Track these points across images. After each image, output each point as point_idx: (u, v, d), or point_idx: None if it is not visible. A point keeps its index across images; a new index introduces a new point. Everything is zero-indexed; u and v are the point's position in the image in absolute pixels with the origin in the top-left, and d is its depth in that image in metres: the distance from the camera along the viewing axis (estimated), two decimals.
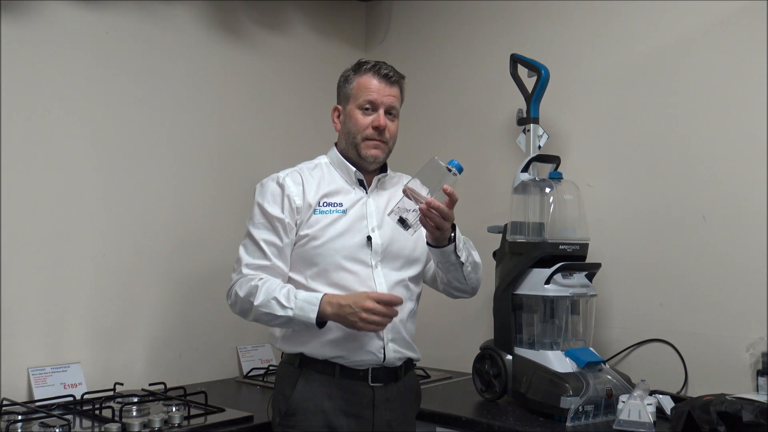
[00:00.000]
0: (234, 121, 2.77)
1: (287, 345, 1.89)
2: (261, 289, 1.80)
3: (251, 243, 1.88)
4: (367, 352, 1.83)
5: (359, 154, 1.91)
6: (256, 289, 1.80)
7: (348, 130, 1.92)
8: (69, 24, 2.33)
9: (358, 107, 1.89)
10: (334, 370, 1.83)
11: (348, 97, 1.93)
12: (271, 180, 1.91)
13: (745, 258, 2.15)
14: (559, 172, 2.27)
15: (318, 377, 1.84)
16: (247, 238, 1.90)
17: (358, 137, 1.90)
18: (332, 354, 1.83)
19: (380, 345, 1.85)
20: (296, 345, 1.86)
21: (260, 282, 1.82)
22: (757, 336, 2.07)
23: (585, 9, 2.55)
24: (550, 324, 2.17)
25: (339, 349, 1.83)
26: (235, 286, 1.86)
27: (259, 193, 1.91)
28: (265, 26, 2.88)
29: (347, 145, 1.93)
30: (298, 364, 1.86)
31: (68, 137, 2.33)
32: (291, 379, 1.86)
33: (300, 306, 1.76)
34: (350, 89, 1.92)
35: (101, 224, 2.39)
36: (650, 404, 1.92)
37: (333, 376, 1.83)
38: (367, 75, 1.90)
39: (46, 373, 2.22)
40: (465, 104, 2.90)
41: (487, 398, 2.27)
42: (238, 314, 1.89)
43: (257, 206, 1.90)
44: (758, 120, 2.14)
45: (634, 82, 2.42)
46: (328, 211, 1.88)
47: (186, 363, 2.58)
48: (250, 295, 1.81)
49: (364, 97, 1.89)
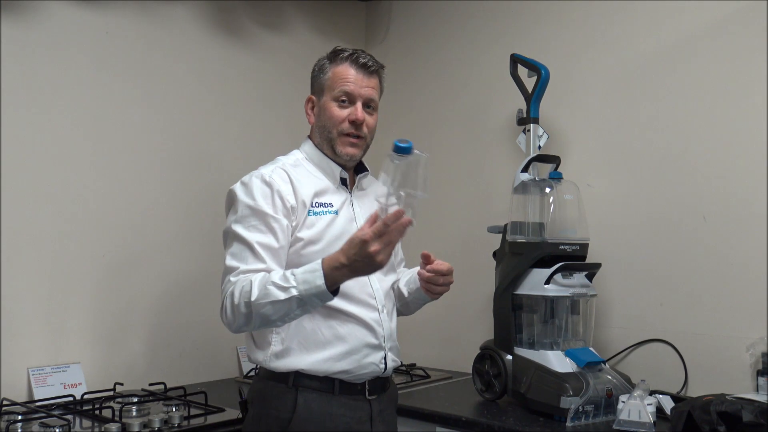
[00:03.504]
0: (234, 120, 2.77)
1: (281, 362, 1.69)
2: (254, 284, 1.57)
3: (242, 247, 1.65)
4: (370, 364, 1.73)
5: (334, 151, 1.78)
6: (250, 285, 1.58)
7: (322, 124, 1.78)
8: (69, 24, 2.33)
9: (334, 99, 1.75)
10: (333, 387, 1.70)
11: (323, 88, 1.78)
12: (255, 178, 1.70)
13: (745, 258, 2.15)
14: (559, 172, 2.27)
15: (317, 396, 1.69)
16: (236, 244, 1.66)
17: (333, 132, 1.76)
18: (335, 369, 1.69)
19: (381, 355, 1.75)
20: (292, 362, 1.69)
21: (247, 280, 1.59)
22: (757, 336, 2.07)
23: (585, 9, 2.55)
24: (550, 324, 2.17)
25: (343, 364, 1.70)
26: (227, 298, 1.61)
27: (244, 193, 1.69)
28: (265, 26, 2.88)
29: (321, 140, 1.80)
30: (292, 382, 1.69)
31: (68, 137, 2.33)
32: (286, 400, 1.69)
33: (303, 279, 1.54)
34: (325, 79, 1.78)
35: (101, 224, 2.39)
36: (650, 404, 1.92)
37: (332, 393, 1.70)
38: (343, 64, 1.76)
39: (46, 373, 2.23)
40: (465, 104, 2.90)
41: (487, 398, 2.27)
42: (237, 330, 1.65)
43: (245, 207, 1.67)
44: (758, 120, 2.14)
45: (634, 82, 2.42)
46: (321, 212, 1.73)
47: (186, 363, 2.58)
48: (243, 296, 1.58)
49: (340, 87, 1.75)
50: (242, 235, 1.66)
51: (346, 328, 1.71)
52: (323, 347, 1.69)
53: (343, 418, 1.70)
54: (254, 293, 1.56)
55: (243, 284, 1.59)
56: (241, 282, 1.60)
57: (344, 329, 1.71)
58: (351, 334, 1.71)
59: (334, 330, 1.71)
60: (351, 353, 1.71)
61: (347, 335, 1.71)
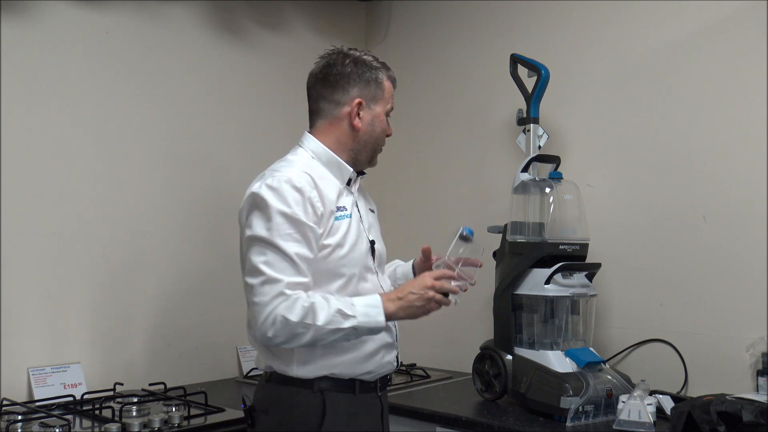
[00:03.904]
0: (234, 121, 2.77)
1: (307, 369, 1.68)
2: (317, 307, 1.58)
3: (279, 258, 1.60)
4: (387, 363, 1.77)
5: (370, 160, 1.83)
6: (312, 307, 1.58)
7: (376, 135, 1.80)
8: (69, 24, 2.33)
9: (386, 113, 1.83)
10: (354, 387, 1.72)
11: (376, 98, 1.79)
12: (283, 183, 1.64)
13: (745, 258, 2.15)
14: (559, 172, 2.27)
15: (342, 397, 1.70)
16: (271, 253, 1.61)
17: (381, 144, 1.84)
18: (361, 371, 1.71)
19: (395, 354, 1.80)
20: (319, 368, 1.68)
21: (307, 300, 1.59)
22: (757, 336, 2.07)
23: (585, 9, 2.55)
24: (550, 324, 2.17)
25: (368, 365, 1.72)
26: (278, 311, 1.58)
27: (276, 199, 1.62)
28: (265, 26, 2.88)
29: (363, 147, 1.80)
30: (318, 388, 1.68)
31: (68, 137, 2.33)
32: (313, 405, 1.68)
33: (363, 312, 1.61)
34: (380, 91, 1.80)
35: (101, 224, 2.39)
36: (650, 404, 1.92)
37: (354, 393, 1.72)
38: (390, 81, 1.83)
39: (46, 373, 2.23)
40: (465, 104, 2.90)
41: (487, 398, 2.27)
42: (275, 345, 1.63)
43: (279, 214, 1.61)
44: (758, 120, 2.14)
45: (634, 82, 2.42)
46: (342, 217, 1.72)
47: (186, 363, 2.58)
48: (305, 316, 1.57)
49: (392, 105, 1.84)
50: (279, 245, 1.61)
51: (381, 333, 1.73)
52: (348, 351, 1.70)
53: (365, 417, 1.75)
54: (320, 318, 1.58)
55: (302, 303, 1.58)
56: (300, 301, 1.59)
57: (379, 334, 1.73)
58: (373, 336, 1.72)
59: None
60: (374, 354, 1.73)
61: (370, 338, 1.71)
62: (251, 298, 1.62)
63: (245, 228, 1.67)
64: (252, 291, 1.62)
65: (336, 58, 1.80)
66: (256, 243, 1.63)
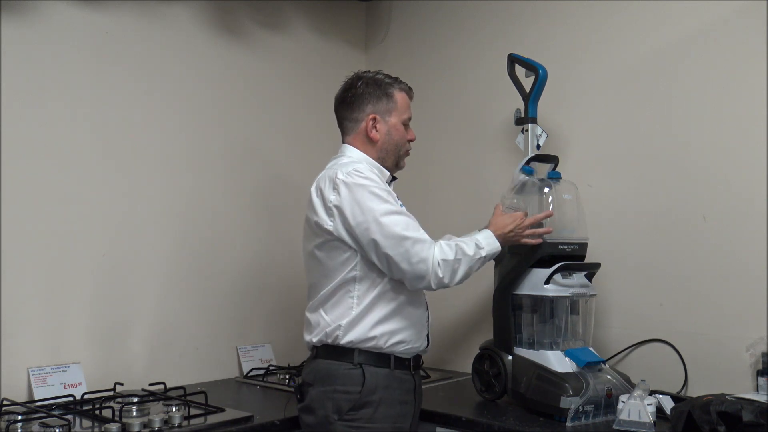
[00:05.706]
0: (234, 121, 2.77)
1: (357, 333, 1.92)
2: (461, 244, 1.94)
3: (409, 221, 1.92)
4: (421, 339, 2.01)
5: (397, 165, 2.09)
6: (457, 246, 1.93)
7: (394, 142, 2.06)
8: (69, 24, 2.33)
9: (403, 123, 2.08)
10: (390, 362, 1.94)
11: (390, 111, 2.05)
12: (355, 175, 1.91)
13: (745, 258, 2.15)
14: (557, 171, 2.27)
15: (378, 371, 1.93)
16: (401, 218, 1.90)
17: (402, 149, 2.09)
18: (399, 338, 1.94)
19: (426, 333, 2.03)
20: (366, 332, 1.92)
21: (455, 244, 1.93)
22: (757, 336, 2.07)
23: (583, 9, 2.55)
24: (550, 324, 2.17)
25: (412, 337, 1.97)
26: (437, 257, 1.89)
27: (368, 181, 1.91)
28: (265, 26, 2.88)
29: (386, 155, 2.05)
30: (358, 362, 1.92)
31: (68, 137, 2.33)
32: (354, 376, 1.92)
33: (487, 243, 1.99)
34: (393, 104, 2.05)
35: (101, 224, 2.39)
36: (650, 404, 1.92)
37: (390, 368, 1.94)
38: (403, 93, 2.09)
39: (46, 373, 2.23)
40: (464, 104, 2.90)
41: (487, 398, 2.27)
42: (448, 282, 1.92)
43: (382, 191, 1.92)
44: (758, 120, 2.14)
45: (633, 82, 2.42)
46: (402, 205, 1.99)
47: (186, 363, 2.58)
48: (457, 253, 1.92)
49: (408, 114, 2.09)
50: (403, 212, 1.94)
51: (421, 310, 2.02)
52: (389, 319, 1.94)
53: (398, 390, 1.96)
54: (468, 250, 1.94)
55: (449, 245, 1.93)
56: (444, 247, 1.92)
57: (420, 311, 2.01)
58: (423, 314, 2.03)
59: (410, 310, 1.98)
60: (421, 330, 2.01)
61: (422, 315, 2.02)
62: (411, 259, 1.88)
63: (356, 216, 1.89)
64: (407, 256, 1.88)
65: (352, 81, 2.08)
66: (385, 216, 1.89)
